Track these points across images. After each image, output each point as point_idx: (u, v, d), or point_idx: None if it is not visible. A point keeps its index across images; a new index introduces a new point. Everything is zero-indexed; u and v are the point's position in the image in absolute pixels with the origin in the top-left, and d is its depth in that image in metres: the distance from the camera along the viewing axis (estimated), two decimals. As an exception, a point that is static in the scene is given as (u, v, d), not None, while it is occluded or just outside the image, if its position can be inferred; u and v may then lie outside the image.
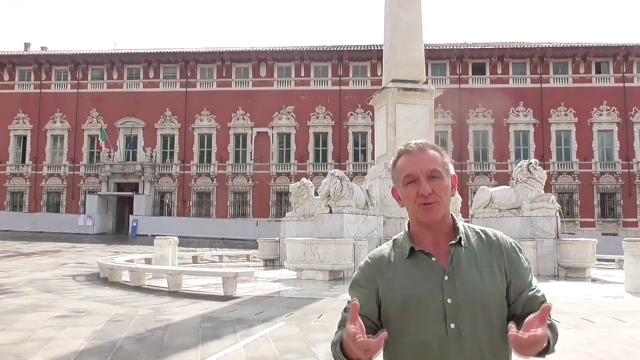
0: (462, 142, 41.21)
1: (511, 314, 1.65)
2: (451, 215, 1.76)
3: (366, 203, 15.46)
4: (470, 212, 17.38)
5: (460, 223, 1.76)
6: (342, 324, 1.68)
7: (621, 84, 41.14)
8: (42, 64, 44.37)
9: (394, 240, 1.79)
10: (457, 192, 1.84)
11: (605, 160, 40.63)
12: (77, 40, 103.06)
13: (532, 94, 41.24)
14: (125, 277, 12.42)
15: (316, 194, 16.21)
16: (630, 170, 40.11)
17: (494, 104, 40.31)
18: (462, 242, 1.70)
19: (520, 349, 1.40)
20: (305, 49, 43.41)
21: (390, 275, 1.71)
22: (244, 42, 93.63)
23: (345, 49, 43.10)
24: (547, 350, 1.48)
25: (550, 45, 42.11)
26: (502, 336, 1.38)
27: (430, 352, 1.62)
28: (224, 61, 43.07)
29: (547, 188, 23.39)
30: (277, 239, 18.21)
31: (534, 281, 1.72)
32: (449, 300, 1.62)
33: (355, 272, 1.81)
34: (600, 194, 40.16)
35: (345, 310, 1.69)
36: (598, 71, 41.87)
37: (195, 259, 19.55)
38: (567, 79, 41.78)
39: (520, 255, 1.73)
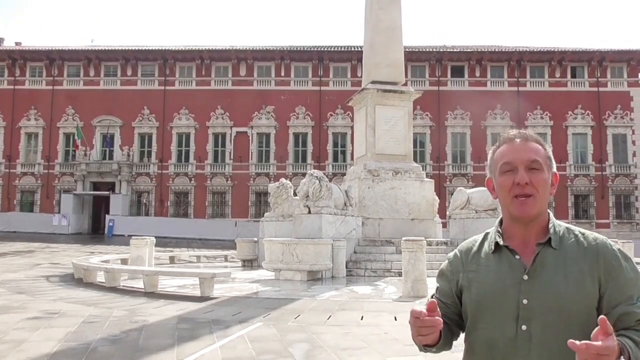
0: (440, 143, 41.58)
1: None
2: (548, 214, 1.67)
3: (345, 204, 15.51)
4: (447, 213, 17.52)
5: (557, 223, 1.66)
6: None
7: (595, 89, 41.99)
8: (16, 59, 43.45)
9: (486, 234, 1.73)
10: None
11: (579, 163, 41.40)
12: (53, 36, 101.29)
13: (509, 97, 41.77)
14: (101, 277, 12.26)
15: (295, 194, 16.19)
16: (604, 173, 40.95)
17: (472, 106, 40.75)
18: (553, 244, 1.59)
19: None
20: (285, 48, 43.30)
21: (472, 268, 1.68)
22: (223, 40, 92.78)
23: (325, 49, 43.14)
24: None
25: (528, 49, 42.79)
26: None
27: (496, 351, 1.57)
28: (203, 60, 42.72)
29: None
30: (256, 239, 18.14)
31: None
32: (525, 301, 1.54)
33: (444, 262, 1.82)
34: (574, 195, 40.95)
35: (432, 296, 1.79)
36: (573, 75, 42.69)
37: (172, 260, 19.37)
38: (543, 83, 42.49)
39: (624, 264, 1.56)
